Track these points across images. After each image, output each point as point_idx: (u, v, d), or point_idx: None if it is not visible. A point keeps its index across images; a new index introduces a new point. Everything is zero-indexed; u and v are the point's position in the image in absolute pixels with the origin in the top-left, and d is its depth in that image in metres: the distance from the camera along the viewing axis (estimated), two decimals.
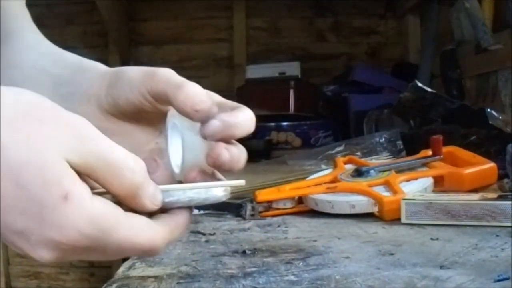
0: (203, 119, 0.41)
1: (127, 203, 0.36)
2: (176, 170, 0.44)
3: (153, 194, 0.37)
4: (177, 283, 0.48)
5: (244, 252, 0.59)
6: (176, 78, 0.43)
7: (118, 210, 0.35)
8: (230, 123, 0.41)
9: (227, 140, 0.41)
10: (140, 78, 0.45)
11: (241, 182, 0.41)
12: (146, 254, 0.37)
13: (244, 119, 0.43)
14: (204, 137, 0.41)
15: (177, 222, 0.39)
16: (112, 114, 0.47)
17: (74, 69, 0.51)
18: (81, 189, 0.33)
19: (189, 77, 0.44)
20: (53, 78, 0.52)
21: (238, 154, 0.42)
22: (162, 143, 0.48)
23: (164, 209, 0.39)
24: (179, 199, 0.39)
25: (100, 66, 0.51)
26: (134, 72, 0.46)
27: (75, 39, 2.38)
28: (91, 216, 0.33)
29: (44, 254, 0.34)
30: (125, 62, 2.37)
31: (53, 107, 0.35)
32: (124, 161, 0.35)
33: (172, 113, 0.44)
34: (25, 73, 0.54)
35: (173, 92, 0.42)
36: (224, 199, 0.41)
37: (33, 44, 0.57)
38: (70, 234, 0.33)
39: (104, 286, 0.49)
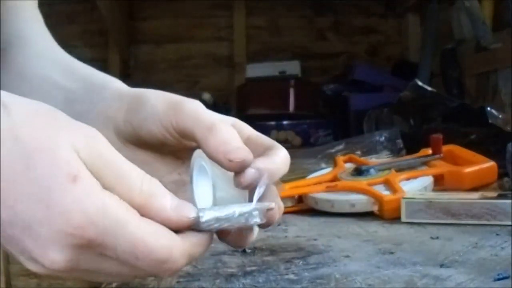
0: (237, 169, 0.37)
1: (147, 217, 0.33)
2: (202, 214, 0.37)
3: (177, 205, 0.33)
4: (177, 282, 0.48)
5: (244, 251, 0.58)
6: (206, 117, 0.39)
7: (133, 209, 0.32)
8: (267, 171, 0.37)
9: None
10: (165, 110, 0.41)
11: (271, 204, 0.37)
12: (163, 265, 0.33)
13: (281, 163, 0.39)
14: (240, 187, 0.37)
15: (199, 237, 0.35)
16: (131, 142, 0.44)
17: (87, 84, 0.48)
18: (91, 177, 0.32)
19: (190, 76, 0.43)
20: (65, 93, 0.49)
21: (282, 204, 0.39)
22: (184, 175, 0.44)
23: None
24: (210, 227, 0.35)
25: (117, 84, 0.47)
26: (157, 100, 0.42)
27: (75, 38, 2.38)
28: (100, 203, 0.31)
29: (54, 255, 0.31)
30: (125, 61, 2.37)
31: (68, 117, 0.34)
32: (133, 173, 0.33)
33: (198, 153, 0.40)
34: (34, 85, 0.51)
35: (202, 135, 0.38)
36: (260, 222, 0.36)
37: (42, 52, 0.54)
38: (76, 219, 0.30)
39: (104, 285, 0.49)
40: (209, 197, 0.38)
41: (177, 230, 0.34)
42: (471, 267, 0.49)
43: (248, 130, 0.42)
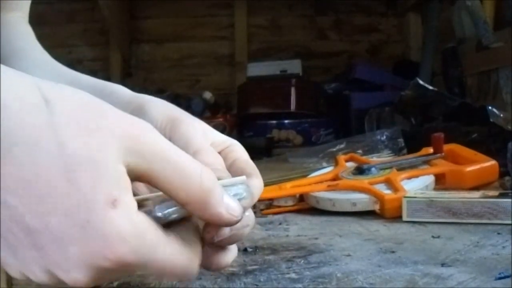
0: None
1: (198, 214, 0.33)
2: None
3: (228, 204, 0.33)
4: (178, 281, 0.48)
5: (245, 249, 0.59)
6: (195, 142, 0.41)
7: (158, 226, 0.32)
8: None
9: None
10: (162, 124, 0.43)
11: (242, 178, 0.38)
12: (184, 275, 0.33)
13: (252, 194, 0.38)
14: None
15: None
16: None
17: (93, 90, 0.47)
18: (130, 199, 0.30)
19: (191, 75, 0.43)
20: None
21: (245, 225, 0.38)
22: None
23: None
24: None
25: (123, 90, 0.48)
26: (157, 113, 0.43)
27: (76, 37, 2.38)
28: (137, 228, 0.30)
29: (78, 275, 0.30)
30: (126, 60, 2.37)
31: (118, 111, 0.32)
32: (191, 165, 0.32)
33: None
34: None
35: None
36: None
37: (40, 64, 0.55)
38: (116, 245, 0.29)
39: (105, 284, 0.49)
40: None
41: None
42: (472, 266, 0.49)
43: (237, 154, 0.43)
